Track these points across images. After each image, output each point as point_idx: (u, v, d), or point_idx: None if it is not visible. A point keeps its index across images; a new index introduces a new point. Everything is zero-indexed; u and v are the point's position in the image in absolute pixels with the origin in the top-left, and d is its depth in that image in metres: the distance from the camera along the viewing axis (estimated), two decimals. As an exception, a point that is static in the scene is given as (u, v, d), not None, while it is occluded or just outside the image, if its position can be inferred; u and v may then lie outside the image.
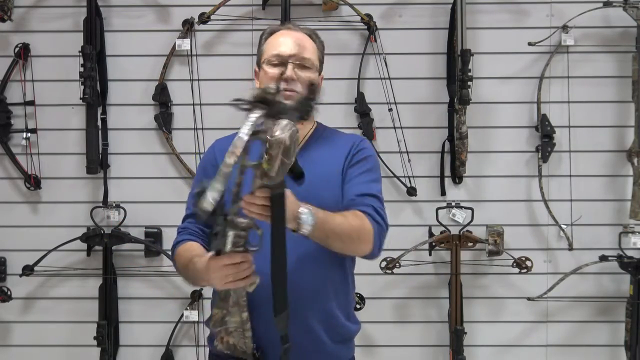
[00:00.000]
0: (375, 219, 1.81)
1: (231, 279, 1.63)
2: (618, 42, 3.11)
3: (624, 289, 3.12)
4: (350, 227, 1.74)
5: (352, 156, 1.90)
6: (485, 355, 3.20)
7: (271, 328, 1.81)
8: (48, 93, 3.13)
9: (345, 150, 1.90)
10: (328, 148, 1.92)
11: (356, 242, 1.77)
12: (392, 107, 3.08)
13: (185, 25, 3.09)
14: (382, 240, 1.84)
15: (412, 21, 3.14)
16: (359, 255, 1.85)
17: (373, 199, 1.84)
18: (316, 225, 1.64)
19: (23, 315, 3.20)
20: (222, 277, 1.64)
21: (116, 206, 3.10)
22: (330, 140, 1.95)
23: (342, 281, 1.90)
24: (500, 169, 3.16)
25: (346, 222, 1.73)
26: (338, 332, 1.88)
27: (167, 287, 3.17)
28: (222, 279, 1.64)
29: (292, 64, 1.86)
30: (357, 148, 1.92)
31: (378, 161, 1.99)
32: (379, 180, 1.92)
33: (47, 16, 3.15)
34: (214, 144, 2.04)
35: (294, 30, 1.94)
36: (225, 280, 1.64)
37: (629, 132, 3.11)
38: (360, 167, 1.89)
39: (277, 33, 1.94)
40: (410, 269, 3.06)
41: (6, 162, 3.16)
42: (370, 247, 1.80)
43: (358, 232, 1.76)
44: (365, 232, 1.78)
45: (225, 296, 1.74)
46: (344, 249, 1.78)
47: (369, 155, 1.93)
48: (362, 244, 1.79)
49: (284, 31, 1.94)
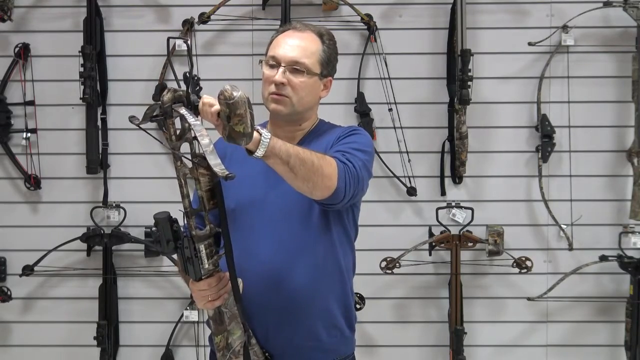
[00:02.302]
0: (340, 159, 1.73)
1: (210, 299, 1.70)
2: (618, 42, 3.11)
3: (624, 289, 3.12)
4: (311, 155, 1.64)
5: (339, 137, 1.86)
6: (485, 355, 3.20)
7: (274, 329, 1.82)
8: (48, 93, 3.13)
9: (335, 136, 1.88)
10: (321, 141, 1.90)
11: (319, 175, 1.64)
12: (392, 107, 3.08)
13: (185, 25, 3.09)
14: (347, 178, 1.72)
15: (412, 21, 3.14)
16: (323, 193, 1.69)
17: (348, 155, 1.76)
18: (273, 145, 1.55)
19: (23, 315, 3.20)
20: (202, 298, 1.70)
21: (116, 206, 3.10)
22: (324, 134, 1.92)
23: (337, 277, 1.89)
24: (500, 169, 3.16)
25: (307, 151, 1.64)
26: (335, 327, 1.88)
27: (167, 287, 3.17)
28: (203, 300, 1.71)
29: (283, 68, 1.82)
30: (346, 131, 1.89)
31: (371, 143, 1.91)
32: (365, 152, 1.83)
33: (47, 16, 3.15)
34: (215, 143, 2.04)
35: (300, 30, 1.89)
36: (206, 300, 1.70)
37: (629, 132, 3.11)
38: (346, 140, 1.84)
39: (284, 33, 1.90)
40: (410, 269, 3.06)
41: (6, 162, 3.16)
42: (335, 182, 1.68)
43: (320, 162, 1.65)
44: (328, 165, 1.67)
45: (219, 318, 1.74)
46: (307, 179, 1.63)
47: (358, 133, 1.88)
48: (326, 178, 1.66)
49: (291, 32, 1.89)
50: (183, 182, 1.58)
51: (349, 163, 1.74)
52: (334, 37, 1.94)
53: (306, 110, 1.90)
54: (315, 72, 1.86)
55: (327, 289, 1.85)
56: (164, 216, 1.61)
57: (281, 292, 1.79)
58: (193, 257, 1.62)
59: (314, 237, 1.82)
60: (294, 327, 1.82)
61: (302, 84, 1.84)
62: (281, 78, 1.82)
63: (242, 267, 1.81)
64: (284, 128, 1.89)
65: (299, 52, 1.84)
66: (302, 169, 1.62)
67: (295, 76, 1.83)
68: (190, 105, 1.55)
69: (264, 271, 1.80)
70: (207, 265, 1.64)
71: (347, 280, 1.94)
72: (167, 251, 1.61)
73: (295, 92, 1.83)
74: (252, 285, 1.78)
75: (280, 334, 1.82)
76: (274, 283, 1.79)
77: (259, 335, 1.81)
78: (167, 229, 1.60)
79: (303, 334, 1.83)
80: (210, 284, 1.68)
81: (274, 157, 1.57)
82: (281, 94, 1.82)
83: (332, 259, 1.86)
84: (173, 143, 1.57)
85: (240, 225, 1.85)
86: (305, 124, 1.92)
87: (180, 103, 1.55)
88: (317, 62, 1.87)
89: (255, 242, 1.82)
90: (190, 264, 1.63)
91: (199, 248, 1.62)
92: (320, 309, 1.84)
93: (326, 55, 1.89)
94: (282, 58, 1.83)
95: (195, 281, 1.68)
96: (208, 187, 1.59)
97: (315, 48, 1.87)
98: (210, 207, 1.61)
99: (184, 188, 1.60)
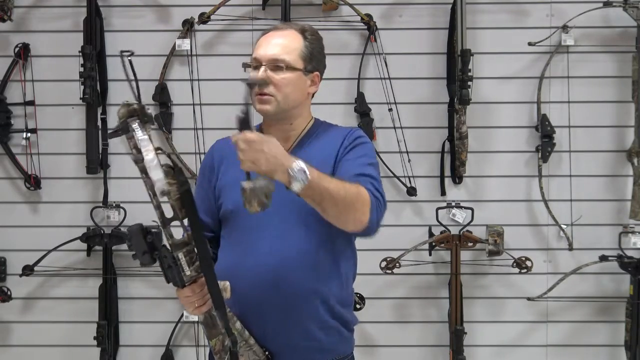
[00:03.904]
0: (373, 194, 1.76)
1: (197, 305, 1.70)
2: (618, 42, 3.11)
3: (624, 289, 3.12)
4: (347, 191, 1.67)
5: (345, 147, 1.86)
6: (485, 355, 3.20)
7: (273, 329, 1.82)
8: (48, 93, 3.13)
9: (338, 143, 1.87)
10: (321, 144, 1.89)
11: (352, 210, 1.69)
12: (392, 107, 3.08)
13: (185, 25, 3.09)
14: (379, 214, 1.77)
15: (412, 21, 3.14)
16: (355, 227, 1.75)
17: (370, 178, 1.80)
18: (310, 182, 1.60)
19: (23, 315, 3.20)
20: (189, 305, 1.70)
21: (116, 206, 3.11)
22: (323, 136, 1.92)
23: (337, 277, 1.88)
24: (500, 169, 3.16)
25: (342, 186, 1.67)
26: (334, 327, 1.87)
27: (167, 287, 3.09)
28: (190, 306, 1.71)
29: (264, 67, 1.82)
30: (351, 137, 1.88)
31: (374, 148, 1.94)
32: (375, 166, 1.87)
33: (47, 16, 3.15)
34: (214, 145, 2.04)
35: (281, 29, 1.90)
36: (193, 306, 1.70)
37: (629, 132, 3.11)
38: (355, 153, 1.85)
39: (266, 34, 1.91)
40: (410, 269, 3.06)
41: (6, 162, 3.16)
42: (367, 218, 1.72)
43: (354, 198, 1.69)
44: (362, 200, 1.71)
45: (211, 322, 1.73)
46: (338, 216, 1.70)
47: (363, 142, 1.89)
48: (359, 212, 1.71)
49: (271, 32, 1.90)
50: (152, 193, 1.57)
51: (378, 195, 1.78)
52: (318, 33, 1.94)
53: (294, 107, 1.89)
54: (297, 67, 1.85)
55: (326, 289, 1.85)
56: (136, 228, 1.60)
57: (279, 291, 1.79)
58: (173, 265, 1.62)
59: (312, 237, 1.82)
60: (292, 326, 1.82)
61: (284, 81, 1.83)
62: (262, 75, 1.81)
63: (241, 266, 1.81)
64: (276, 127, 1.88)
65: (279, 49, 1.84)
66: (334, 209, 1.68)
67: (277, 73, 1.83)
68: (146, 118, 1.56)
69: (262, 271, 1.80)
70: (189, 272, 1.64)
71: (347, 280, 1.94)
72: (144, 262, 1.61)
73: (279, 89, 1.83)
74: (251, 285, 1.79)
75: (278, 334, 1.82)
76: (272, 282, 1.79)
77: (258, 334, 1.81)
78: (140, 241, 1.60)
79: (301, 333, 1.83)
80: (194, 290, 1.67)
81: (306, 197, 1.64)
82: (265, 93, 1.82)
83: (331, 260, 1.86)
84: (136, 156, 1.57)
85: (238, 226, 1.85)
86: (296, 122, 1.91)
87: (135, 117, 1.56)
88: (299, 57, 1.86)
89: (253, 242, 1.82)
90: (171, 272, 1.64)
91: (178, 256, 1.62)
92: (319, 309, 1.84)
93: (308, 51, 1.88)
94: (262, 57, 1.84)
95: (179, 289, 1.68)
96: (177, 197, 1.59)
97: (296, 44, 1.87)
98: (183, 216, 1.60)
99: (154, 199, 1.59)
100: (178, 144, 3.12)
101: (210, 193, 1.95)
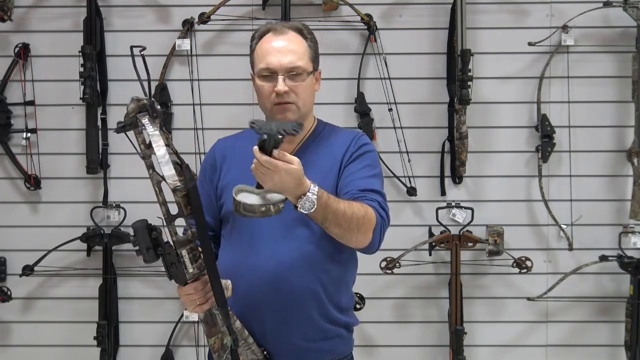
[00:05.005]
0: (379, 214, 1.79)
1: (198, 303, 1.69)
2: (618, 42, 3.11)
3: (624, 289, 3.12)
4: (353, 213, 1.70)
5: (352, 153, 1.88)
6: (485, 355, 3.20)
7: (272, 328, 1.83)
8: (48, 93, 3.13)
9: (343, 148, 1.88)
10: (326, 148, 1.90)
11: (355, 232, 1.73)
12: (392, 107, 3.08)
13: (185, 25, 3.09)
14: (382, 234, 1.81)
15: (412, 21, 3.14)
16: (357, 246, 1.80)
17: (376, 194, 1.82)
18: (317, 208, 1.63)
19: (23, 315, 3.20)
20: (191, 302, 1.70)
21: (116, 206, 3.10)
22: (328, 139, 1.93)
23: (337, 278, 1.89)
24: (500, 169, 3.16)
25: (350, 209, 1.70)
26: (333, 328, 1.88)
27: (167, 287, 3.16)
28: (191, 304, 1.71)
29: (282, 76, 1.83)
30: (357, 144, 1.89)
31: (377, 156, 1.96)
32: (380, 176, 1.90)
33: (47, 16, 3.14)
34: (215, 144, 2.05)
35: (281, 33, 1.88)
36: (194, 304, 1.70)
37: (629, 132, 3.11)
38: (360, 163, 1.87)
39: (265, 38, 1.89)
40: (410, 269, 3.06)
41: (6, 162, 3.16)
42: (370, 240, 1.77)
43: (360, 221, 1.72)
44: (367, 223, 1.74)
45: (211, 320, 1.74)
46: (341, 236, 1.74)
47: (368, 150, 1.90)
48: (361, 234, 1.75)
49: (271, 36, 1.88)
50: (157, 189, 1.58)
51: (384, 214, 1.80)
52: (309, 27, 1.94)
53: (310, 109, 1.93)
54: (310, 70, 1.88)
55: (326, 290, 1.85)
56: (142, 224, 1.61)
57: (279, 292, 1.80)
58: (176, 262, 1.63)
59: (313, 237, 1.82)
60: (291, 326, 1.82)
61: (303, 87, 1.85)
62: (284, 87, 1.82)
63: (241, 266, 1.81)
64: None
65: (292, 57, 1.84)
66: (337, 229, 1.70)
67: (295, 81, 1.84)
68: (155, 114, 1.57)
69: (262, 271, 1.80)
70: (192, 269, 1.64)
71: (347, 281, 1.94)
72: (148, 259, 1.61)
73: (299, 96, 1.85)
74: (251, 285, 1.79)
75: (277, 334, 1.82)
76: (272, 283, 1.80)
77: (257, 333, 1.82)
78: (145, 236, 1.60)
79: (300, 333, 1.83)
80: (197, 287, 1.67)
81: (311, 217, 1.67)
82: (287, 102, 1.83)
83: (331, 260, 1.86)
84: (144, 152, 1.57)
85: (239, 226, 1.86)
86: (304, 123, 1.91)
87: (144, 112, 1.57)
88: (309, 59, 1.89)
89: (255, 242, 1.83)
90: (174, 269, 1.64)
91: (181, 253, 1.62)
92: (318, 310, 1.84)
93: (312, 50, 1.91)
94: (278, 67, 1.83)
95: (181, 286, 1.68)
96: (183, 194, 1.59)
97: (302, 46, 1.88)
98: (188, 213, 1.61)
99: (159, 195, 1.60)
100: (178, 144, 3.08)
101: (212, 192, 1.96)
